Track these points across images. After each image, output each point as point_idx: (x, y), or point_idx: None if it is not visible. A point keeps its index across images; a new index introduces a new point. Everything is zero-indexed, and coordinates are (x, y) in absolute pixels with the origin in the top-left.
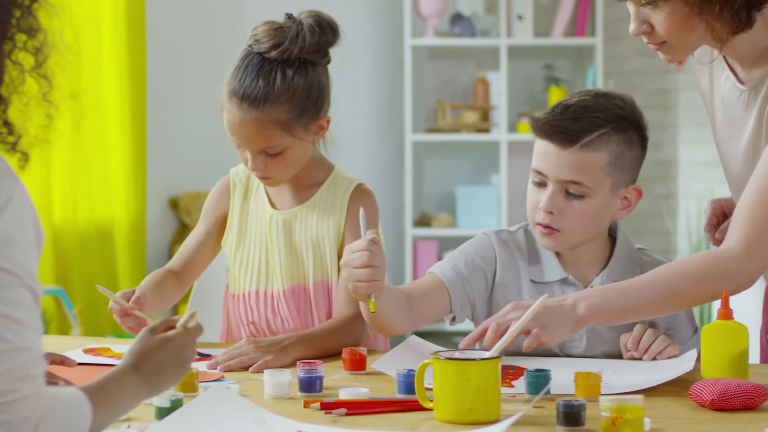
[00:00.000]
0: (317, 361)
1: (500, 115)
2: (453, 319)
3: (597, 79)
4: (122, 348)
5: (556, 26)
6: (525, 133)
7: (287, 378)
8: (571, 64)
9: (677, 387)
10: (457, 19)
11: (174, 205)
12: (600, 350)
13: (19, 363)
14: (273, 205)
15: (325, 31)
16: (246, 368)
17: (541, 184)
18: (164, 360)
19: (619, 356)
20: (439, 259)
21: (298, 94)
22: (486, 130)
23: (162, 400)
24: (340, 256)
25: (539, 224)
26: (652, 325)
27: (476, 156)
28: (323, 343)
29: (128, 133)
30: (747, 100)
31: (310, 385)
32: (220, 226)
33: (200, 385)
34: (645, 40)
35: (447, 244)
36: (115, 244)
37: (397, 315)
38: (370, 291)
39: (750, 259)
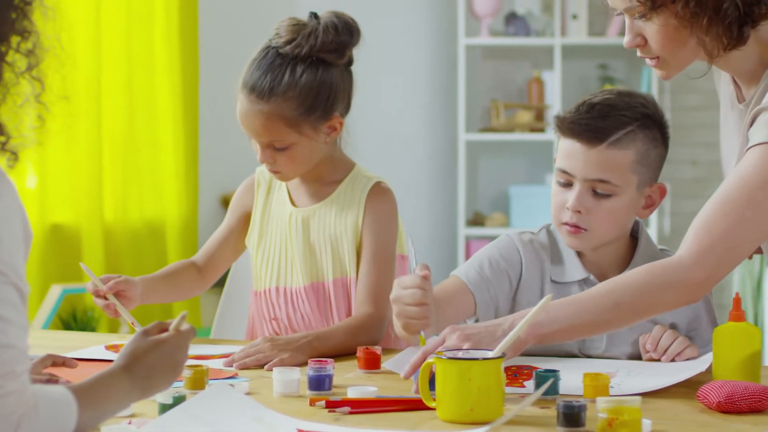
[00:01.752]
0: (328, 360)
1: (554, 114)
2: (476, 321)
3: (652, 79)
4: None
5: (611, 25)
6: None
7: (296, 376)
8: (627, 63)
9: (688, 389)
10: (512, 18)
11: (226, 203)
12: (620, 351)
13: (4, 360)
14: (293, 203)
15: (340, 32)
16: (261, 366)
17: (567, 184)
18: (156, 362)
19: (640, 357)
20: None
21: (305, 91)
22: (540, 130)
23: (165, 396)
24: (358, 254)
25: (566, 224)
26: (672, 326)
27: (530, 156)
28: (341, 342)
29: (180, 131)
30: (744, 117)
31: (319, 383)
32: (243, 222)
33: (211, 382)
34: (639, 53)
35: None
36: (167, 243)
37: (430, 332)
38: (420, 328)
39: (697, 267)
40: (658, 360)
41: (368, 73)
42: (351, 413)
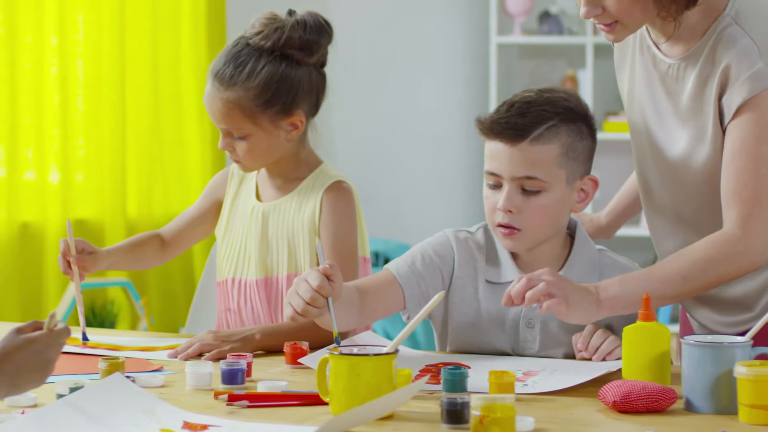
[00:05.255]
0: (247, 354)
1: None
2: (407, 317)
3: None
4: (119, 340)
5: None
6: (613, 132)
7: (208, 369)
8: None
9: (598, 387)
10: (545, 17)
11: None
12: (555, 351)
13: None
14: (258, 197)
15: (309, 30)
16: (200, 357)
17: (496, 186)
18: (25, 360)
19: (574, 357)
20: None
21: (263, 83)
22: None
23: (62, 387)
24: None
25: (500, 225)
26: (609, 327)
27: None
28: (288, 337)
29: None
30: (676, 74)
31: (231, 377)
32: (213, 210)
33: (130, 375)
34: (594, 21)
35: None
36: None
37: (345, 318)
38: (289, 319)
39: (748, 236)
40: (590, 359)
41: (402, 72)
42: (248, 407)
